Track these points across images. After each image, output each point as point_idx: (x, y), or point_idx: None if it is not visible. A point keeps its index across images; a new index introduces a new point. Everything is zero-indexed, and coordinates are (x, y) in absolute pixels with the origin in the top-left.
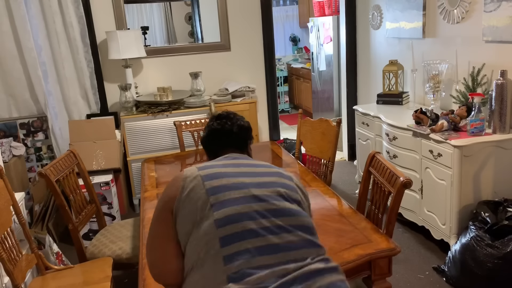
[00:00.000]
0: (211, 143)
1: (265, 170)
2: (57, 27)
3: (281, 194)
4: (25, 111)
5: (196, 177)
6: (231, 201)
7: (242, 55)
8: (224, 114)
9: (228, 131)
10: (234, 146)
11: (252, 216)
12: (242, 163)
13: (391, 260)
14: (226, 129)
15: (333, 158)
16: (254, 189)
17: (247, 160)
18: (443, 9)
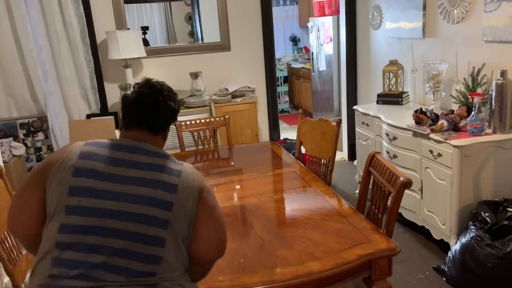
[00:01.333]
0: (128, 113)
1: (145, 174)
2: (57, 27)
3: (143, 213)
4: (25, 111)
5: (68, 165)
6: (83, 210)
7: (242, 55)
8: (158, 88)
9: (151, 110)
10: (148, 129)
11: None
12: (128, 160)
13: (391, 260)
14: (150, 103)
15: (333, 158)
16: (112, 202)
17: (136, 154)
18: (443, 9)
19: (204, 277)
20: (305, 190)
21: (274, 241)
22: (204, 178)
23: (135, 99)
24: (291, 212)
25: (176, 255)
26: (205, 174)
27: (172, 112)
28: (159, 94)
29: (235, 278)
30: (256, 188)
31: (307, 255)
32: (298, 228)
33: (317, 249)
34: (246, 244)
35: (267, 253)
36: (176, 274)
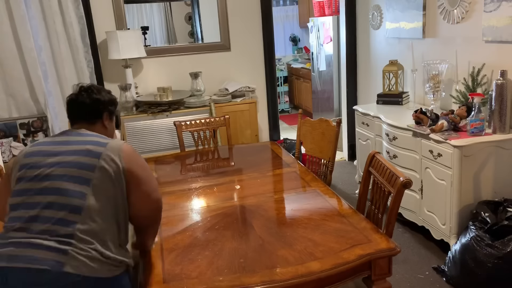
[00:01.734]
0: (68, 112)
1: (76, 148)
2: (57, 27)
3: (70, 174)
4: (25, 111)
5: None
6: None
7: (242, 55)
8: (85, 87)
9: (80, 103)
10: (84, 119)
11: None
12: (60, 141)
13: (391, 260)
14: (79, 100)
15: (333, 158)
16: (47, 169)
17: (69, 137)
18: (443, 9)
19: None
20: (305, 190)
21: (274, 241)
22: (135, 150)
23: (68, 102)
24: (291, 212)
25: (100, 212)
26: (205, 174)
27: (97, 101)
28: (82, 91)
29: (235, 278)
30: (256, 188)
31: (307, 255)
32: (298, 228)
33: (317, 249)
34: (246, 244)
35: (267, 253)
36: (96, 235)
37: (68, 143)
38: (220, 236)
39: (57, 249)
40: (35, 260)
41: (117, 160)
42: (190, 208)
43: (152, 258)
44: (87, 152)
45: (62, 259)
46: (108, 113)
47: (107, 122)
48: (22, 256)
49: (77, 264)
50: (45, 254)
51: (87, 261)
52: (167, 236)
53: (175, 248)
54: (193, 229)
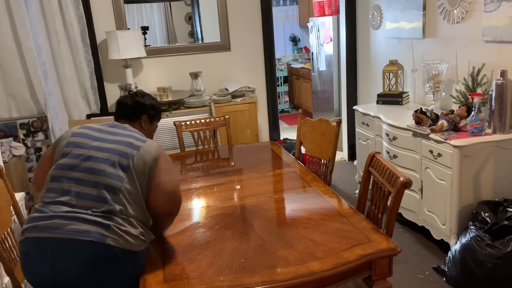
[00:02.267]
0: (116, 110)
1: (119, 138)
2: (57, 27)
3: (112, 159)
4: (25, 111)
5: (69, 132)
6: (72, 155)
7: (242, 55)
8: (133, 91)
9: (124, 104)
10: (126, 117)
11: (72, 168)
12: (107, 130)
13: (392, 260)
14: (124, 102)
15: (333, 158)
16: (92, 151)
17: (115, 128)
18: (443, 9)
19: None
20: (305, 190)
21: (275, 241)
22: (166, 153)
23: (117, 103)
24: (291, 212)
25: (133, 196)
26: (205, 174)
27: (139, 103)
28: (129, 95)
29: (235, 278)
30: (256, 188)
31: (307, 255)
32: (298, 228)
33: (318, 249)
34: (247, 244)
35: (267, 253)
36: (130, 215)
37: (113, 133)
38: (221, 236)
39: (100, 223)
40: (81, 232)
41: (153, 154)
42: (190, 208)
43: (152, 258)
44: (128, 144)
45: (105, 233)
46: (147, 116)
47: (145, 123)
48: (67, 229)
49: (117, 238)
50: (89, 228)
51: (125, 235)
52: (167, 236)
53: (175, 248)
54: (193, 229)
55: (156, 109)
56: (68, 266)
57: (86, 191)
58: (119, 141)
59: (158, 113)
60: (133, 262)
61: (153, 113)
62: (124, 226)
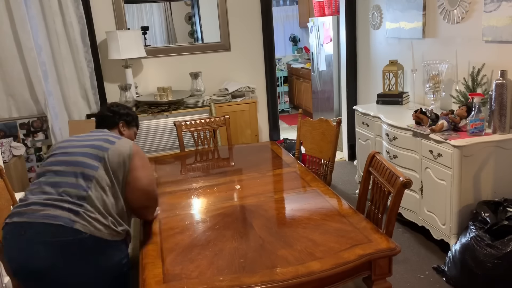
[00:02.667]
0: (96, 123)
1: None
2: (57, 27)
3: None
4: (25, 111)
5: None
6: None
7: (242, 55)
8: (108, 103)
9: (101, 114)
10: (104, 126)
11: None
12: (86, 134)
13: (391, 260)
14: (101, 112)
15: (333, 158)
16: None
17: (93, 132)
18: (443, 9)
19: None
20: (305, 190)
21: (274, 241)
22: (141, 150)
23: (96, 116)
24: (291, 212)
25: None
26: (205, 174)
27: (114, 111)
28: (105, 107)
29: (235, 278)
30: (256, 188)
31: (307, 255)
32: (298, 228)
33: (317, 249)
34: (246, 244)
35: (267, 253)
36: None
37: (91, 135)
38: (220, 236)
39: (70, 210)
40: (52, 217)
41: (128, 150)
42: (190, 208)
43: (152, 258)
44: (105, 140)
45: (75, 218)
46: (124, 122)
47: (124, 129)
48: (41, 214)
49: (85, 224)
50: (60, 213)
51: (94, 222)
52: (167, 236)
53: (175, 248)
54: (193, 229)
55: (131, 115)
56: (39, 249)
57: (64, 180)
58: (96, 139)
59: (135, 119)
60: (106, 253)
61: (129, 119)
62: (93, 213)
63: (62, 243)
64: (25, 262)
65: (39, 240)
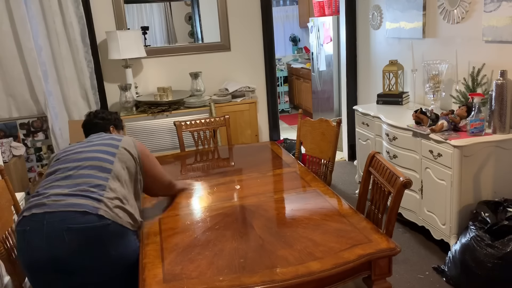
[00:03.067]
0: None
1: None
2: (57, 27)
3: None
4: (25, 111)
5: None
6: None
7: (242, 55)
8: (92, 112)
9: (91, 123)
10: (98, 130)
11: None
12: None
13: (391, 260)
14: (90, 121)
15: (333, 158)
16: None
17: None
18: (443, 9)
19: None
20: (305, 190)
21: (274, 241)
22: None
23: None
24: (291, 212)
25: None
26: (205, 174)
27: (103, 118)
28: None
29: (235, 278)
30: (256, 188)
31: (307, 255)
32: (298, 228)
33: (317, 249)
34: (246, 244)
35: (267, 253)
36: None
37: (95, 138)
38: (220, 236)
39: (93, 198)
40: (76, 205)
41: (133, 148)
42: (190, 208)
43: (152, 258)
44: (111, 139)
45: (97, 205)
46: (114, 126)
47: (114, 132)
48: (62, 203)
49: (108, 210)
50: (83, 201)
51: (116, 209)
52: (167, 236)
53: (175, 248)
54: (193, 229)
55: (118, 119)
56: (64, 236)
57: (80, 173)
58: (102, 138)
59: (120, 121)
60: (125, 240)
61: (117, 122)
62: (115, 200)
63: (88, 228)
64: (50, 253)
65: (64, 227)
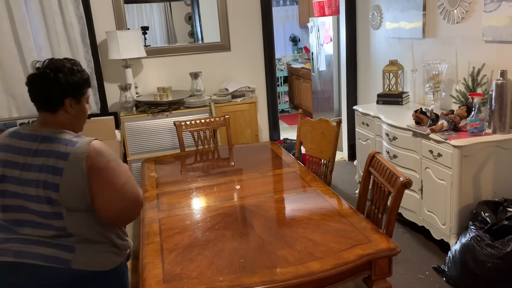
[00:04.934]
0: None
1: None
2: (57, 27)
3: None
4: (25, 111)
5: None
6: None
7: (242, 55)
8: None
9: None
10: (47, 110)
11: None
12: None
13: (391, 260)
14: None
15: (333, 158)
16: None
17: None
18: (443, 9)
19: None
20: (305, 190)
21: (274, 241)
22: (107, 147)
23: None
24: (291, 212)
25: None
26: (205, 174)
27: (56, 88)
28: (40, 75)
29: (235, 278)
30: (256, 188)
31: (307, 255)
32: (298, 228)
33: (317, 249)
34: (246, 244)
35: (267, 253)
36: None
37: (35, 153)
38: (220, 236)
39: (64, 247)
40: (43, 257)
41: (82, 164)
42: (190, 208)
43: (152, 258)
44: (52, 169)
45: (69, 257)
46: (72, 98)
47: (72, 107)
48: (30, 253)
49: (83, 260)
50: (52, 252)
51: (92, 254)
52: (167, 236)
53: (175, 248)
54: (193, 229)
55: (79, 84)
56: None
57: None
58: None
59: (85, 83)
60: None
61: (78, 90)
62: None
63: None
64: None
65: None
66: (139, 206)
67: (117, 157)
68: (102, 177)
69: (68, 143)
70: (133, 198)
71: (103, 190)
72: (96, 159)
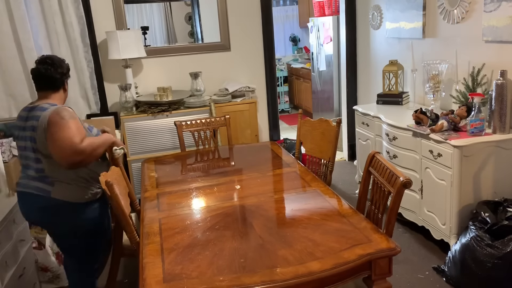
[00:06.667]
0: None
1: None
2: (57, 27)
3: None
4: None
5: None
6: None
7: (242, 55)
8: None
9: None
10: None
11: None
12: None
13: (392, 260)
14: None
15: (333, 158)
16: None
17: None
18: (443, 9)
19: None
20: (305, 190)
21: (274, 241)
22: (70, 111)
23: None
24: (291, 212)
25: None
26: (205, 174)
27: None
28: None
29: (235, 278)
30: (256, 188)
31: (307, 255)
32: (298, 228)
33: (317, 249)
34: (246, 244)
35: (267, 253)
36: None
37: (27, 119)
38: (220, 236)
39: (47, 182)
40: (34, 188)
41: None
42: (190, 208)
43: (152, 258)
44: (32, 128)
45: (49, 189)
46: (67, 79)
47: (67, 84)
48: (28, 185)
49: (60, 192)
50: (39, 185)
51: (65, 189)
52: (167, 236)
53: (175, 248)
54: (193, 229)
55: (68, 70)
56: (29, 210)
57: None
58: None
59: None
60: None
61: (68, 74)
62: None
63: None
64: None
65: (29, 205)
66: (76, 154)
67: (73, 118)
68: (50, 130)
69: (43, 109)
70: (69, 147)
71: (50, 141)
72: (53, 117)
